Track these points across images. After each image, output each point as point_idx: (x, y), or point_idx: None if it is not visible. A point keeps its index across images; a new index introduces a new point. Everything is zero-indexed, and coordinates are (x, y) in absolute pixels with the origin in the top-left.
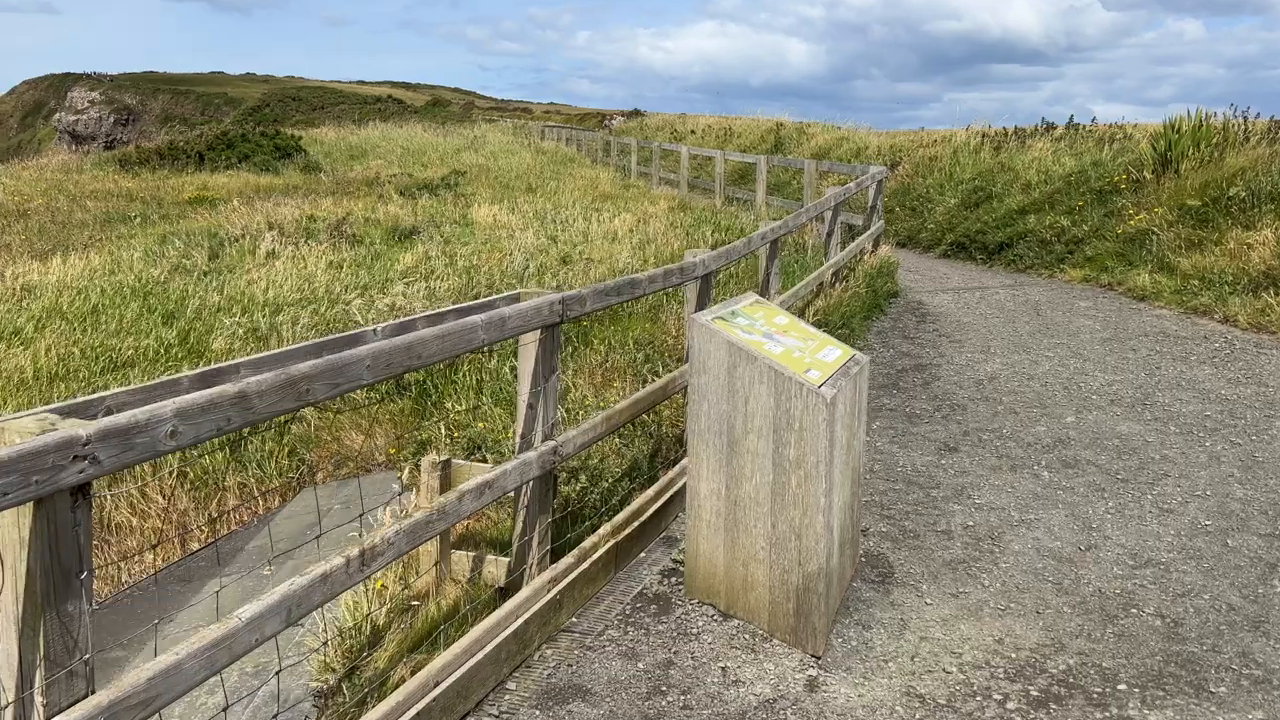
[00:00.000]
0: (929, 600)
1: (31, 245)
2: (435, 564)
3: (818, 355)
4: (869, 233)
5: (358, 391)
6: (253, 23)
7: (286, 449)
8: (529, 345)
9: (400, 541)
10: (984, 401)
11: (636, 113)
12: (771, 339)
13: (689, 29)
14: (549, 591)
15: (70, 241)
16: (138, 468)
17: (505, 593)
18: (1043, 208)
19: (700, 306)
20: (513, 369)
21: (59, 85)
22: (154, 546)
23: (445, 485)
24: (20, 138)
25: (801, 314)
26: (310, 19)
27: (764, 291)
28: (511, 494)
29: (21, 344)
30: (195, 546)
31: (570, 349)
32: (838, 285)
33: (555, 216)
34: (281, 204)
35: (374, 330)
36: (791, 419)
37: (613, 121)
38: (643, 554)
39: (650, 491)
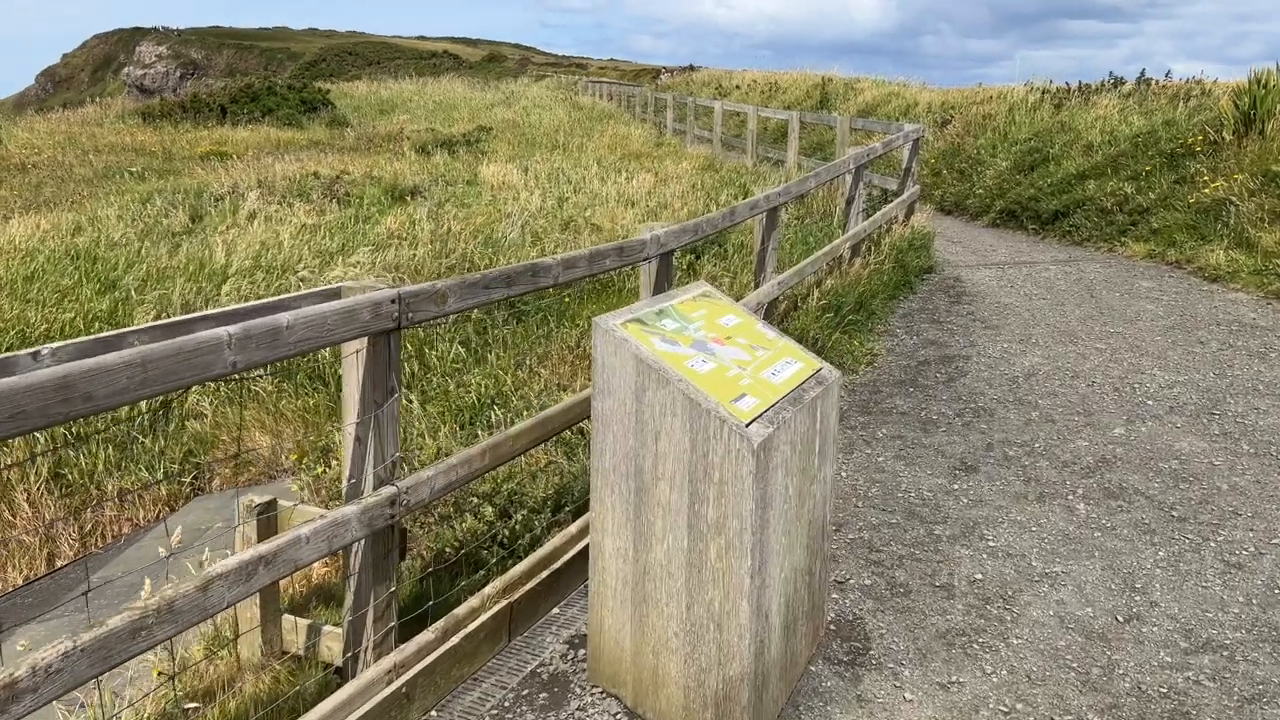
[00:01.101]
0: (909, 694)
1: (14, 201)
2: (234, 639)
3: (764, 373)
4: (899, 199)
5: (264, 379)
6: None
7: (182, 451)
8: (353, 359)
9: (125, 643)
10: (1016, 405)
11: (691, 68)
12: (704, 350)
13: None
14: (390, 683)
15: (57, 198)
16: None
17: (345, 673)
18: (1104, 172)
19: (659, 292)
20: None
21: (128, 40)
22: None
23: (270, 533)
24: (91, 91)
25: (804, 297)
26: None
27: (759, 271)
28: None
29: None
30: (57, 565)
31: (545, 329)
32: (858, 260)
33: (571, 177)
34: (286, 160)
35: (36, 354)
36: (710, 467)
37: (661, 78)
38: (555, 610)
39: (573, 528)
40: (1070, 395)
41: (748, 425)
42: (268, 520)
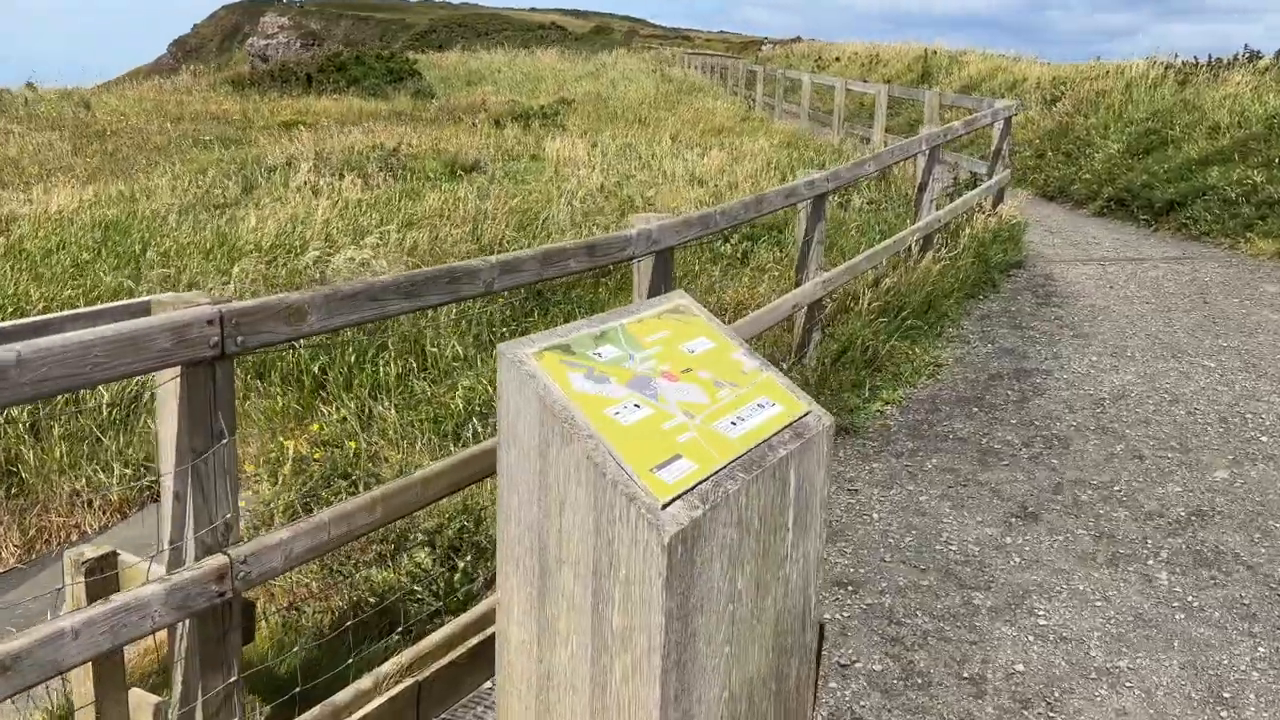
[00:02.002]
0: None
1: (81, 169)
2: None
3: (719, 423)
4: (986, 185)
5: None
6: None
7: (143, 452)
8: (170, 391)
9: None
10: (1098, 434)
11: (797, 40)
12: (643, 391)
13: None
14: None
15: (124, 166)
16: None
17: None
18: (1231, 158)
19: (655, 295)
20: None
21: (253, 10)
22: None
23: (105, 593)
24: (218, 61)
25: (854, 297)
26: None
27: (801, 267)
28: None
29: None
30: None
31: (546, 319)
32: (929, 254)
33: (642, 153)
34: (358, 132)
35: None
36: (615, 559)
37: (763, 49)
38: (488, 684)
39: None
40: (1165, 425)
41: (665, 506)
42: (103, 580)
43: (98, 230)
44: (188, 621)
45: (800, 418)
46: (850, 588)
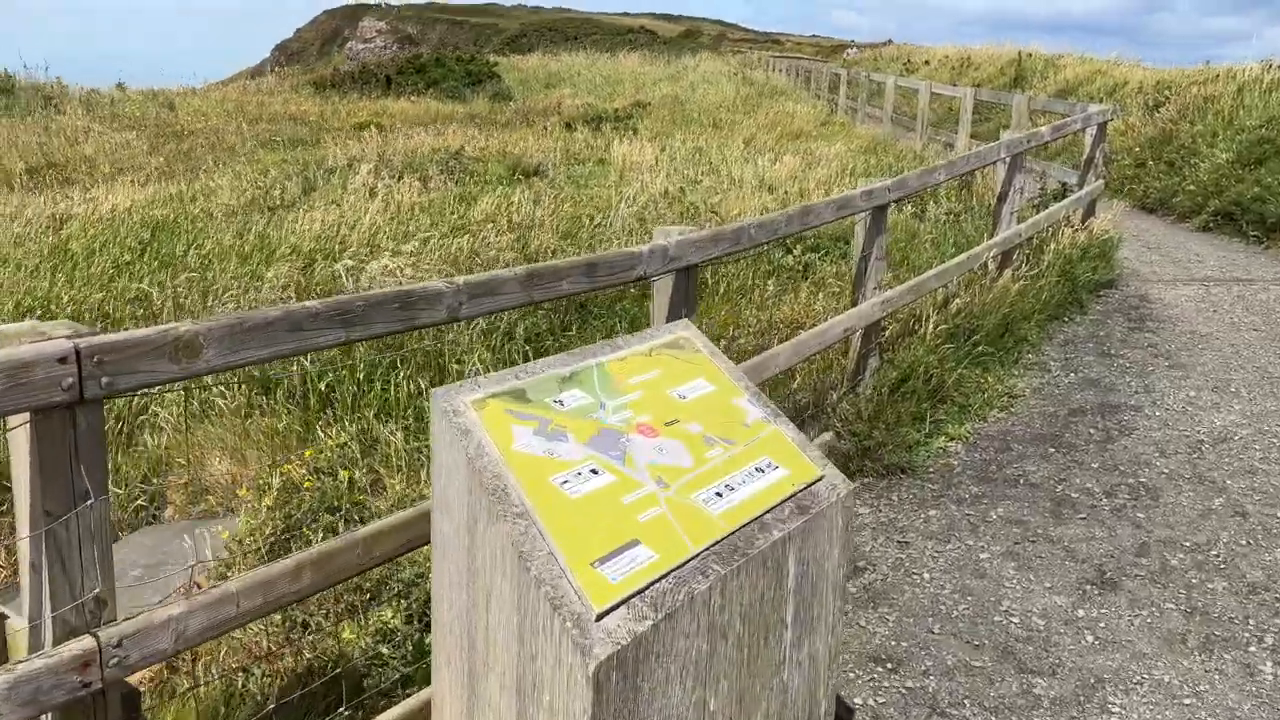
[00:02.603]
0: None
1: (152, 168)
2: None
3: (701, 493)
4: (1075, 196)
5: (227, 391)
6: None
7: (142, 471)
8: (20, 445)
9: None
10: (1193, 484)
11: (888, 43)
12: (609, 450)
13: None
14: None
15: (193, 166)
16: None
17: None
18: None
19: (674, 319)
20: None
21: (353, 15)
22: None
23: None
24: (318, 64)
25: (919, 319)
26: None
27: (858, 285)
28: None
29: None
30: None
31: (584, 334)
32: (1007, 271)
33: (712, 157)
34: (428, 134)
35: None
36: (539, 680)
37: (848, 53)
38: None
39: None
40: (1275, 476)
41: (600, 616)
42: None
43: (146, 230)
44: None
45: (808, 485)
46: (889, 665)
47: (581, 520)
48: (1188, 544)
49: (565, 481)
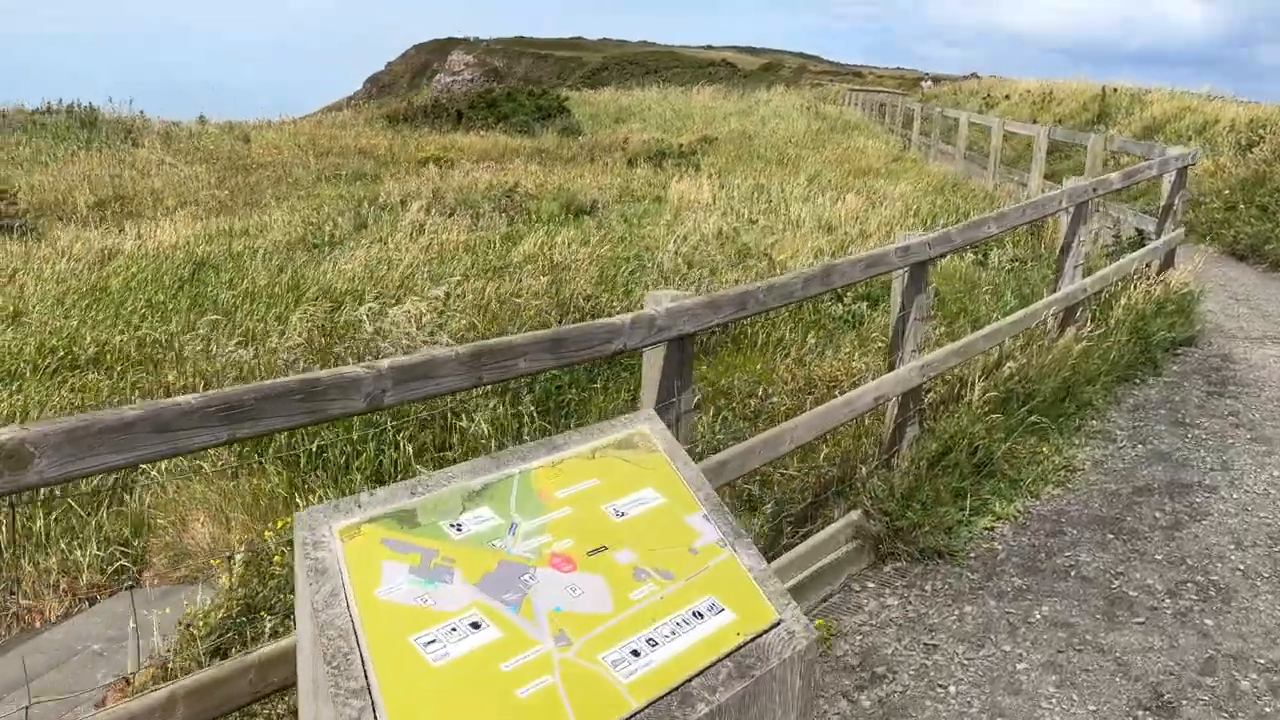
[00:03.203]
0: None
1: (213, 203)
2: None
3: (607, 654)
4: (1151, 246)
5: (221, 450)
6: None
7: (123, 529)
8: None
9: None
10: (1274, 585)
11: (972, 76)
12: (505, 590)
13: None
14: None
15: (255, 200)
16: None
17: None
18: None
19: (665, 398)
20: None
21: (441, 49)
22: None
23: None
24: (407, 95)
25: (966, 383)
26: None
27: (895, 347)
28: None
29: None
30: None
31: (607, 394)
32: (1070, 329)
33: (773, 195)
34: (491, 169)
35: None
36: None
37: (922, 86)
38: None
39: None
40: None
41: None
42: None
43: (188, 268)
44: None
45: (758, 635)
46: None
47: (438, 700)
48: (1263, 661)
49: (432, 641)
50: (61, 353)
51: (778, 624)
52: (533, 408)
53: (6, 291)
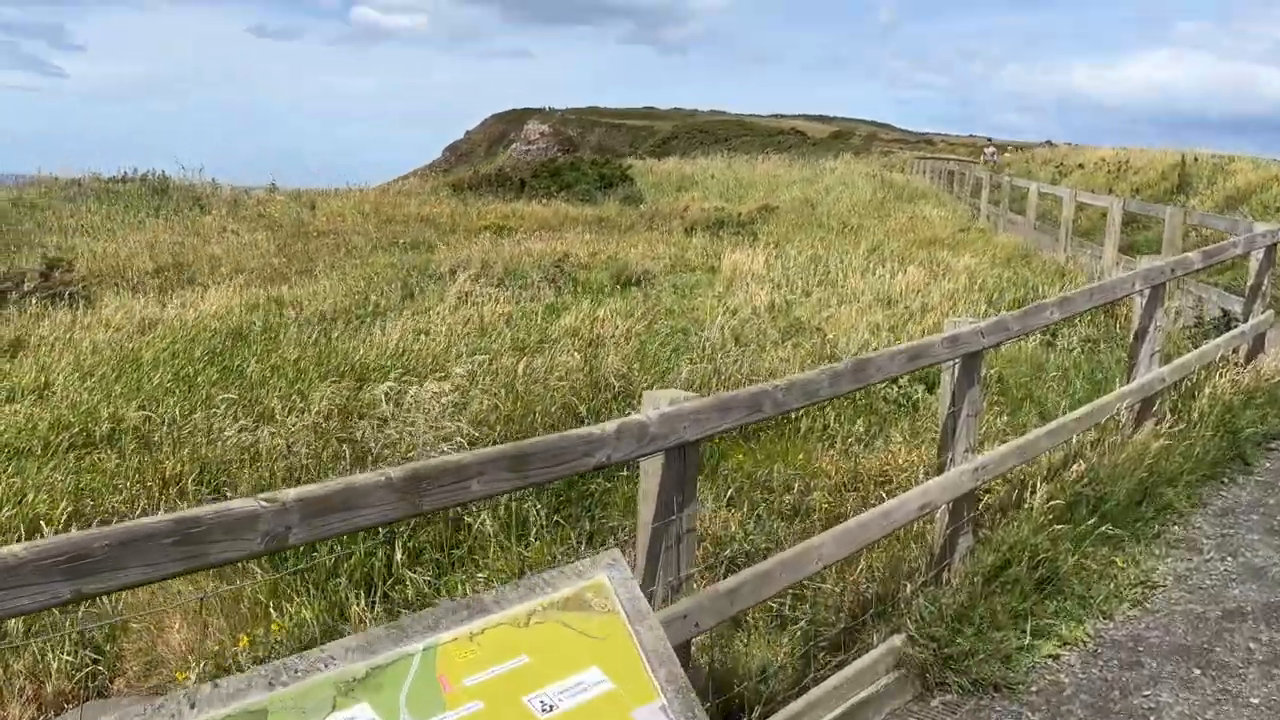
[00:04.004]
0: None
1: (267, 271)
2: None
3: None
4: (1238, 330)
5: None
6: (688, 61)
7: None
8: None
9: None
10: None
11: (1048, 144)
12: None
13: (1137, 58)
14: None
15: (310, 268)
16: None
17: None
18: None
19: (664, 515)
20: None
21: (518, 118)
22: None
23: None
24: (484, 163)
25: (1028, 484)
26: (740, 57)
27: (945, 446)
28: None
29: (9, 399)
30: None
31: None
32: (1147, 424)
33: (831, 266)
34: (547, 239)
35: None
36: None
37: (987, 153)
38: None
39: None
40: None
41: None
42: None
43: (224, 338)
44: None
45: None
46: None
47: None
48: None
49: None
50: (76, 428)
51: None
52: (539, 505)
53: (44, 362)
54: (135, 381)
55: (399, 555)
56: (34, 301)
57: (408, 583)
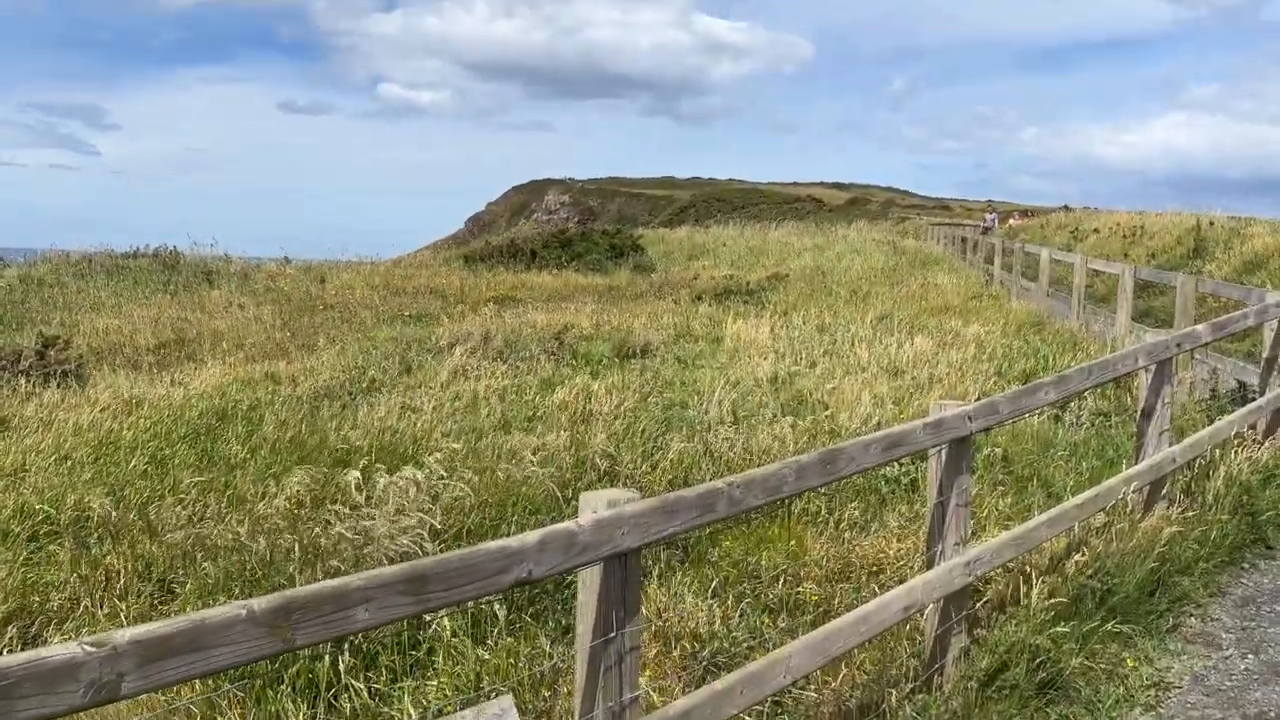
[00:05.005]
0: None
1: (270, 345)
2: None
3: None
4: (1254, 405)
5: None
6: (708, 132)
7: None
8: None
9: None
10: None
11: (1065, 208)
12: None
13: (1152, 121)
14: None
15: (311, 343)
16: None
17: None
18: None
19: (604, 632)
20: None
21: (538, 189)
22: None
23: None
24: (505, 234)
25: (1026, 578)
26: (759, 127)
27: (934, 538)
28: None
29: None
30: None
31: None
32: (1157, 507)
33: (838, 335)
34: (553, 309)
35: None
36: None
37: (988, 219)
38: None
39: None
40: None
41: None
42: None
43: (209, 418)
44: None
45: None
46: None
47: None
48: None
49: None
50: (40, 517)
51: None
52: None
53: (25, 444)
54: (110, 465)
55: (344, 661)
56: (27, 380)
57: (353, 693)
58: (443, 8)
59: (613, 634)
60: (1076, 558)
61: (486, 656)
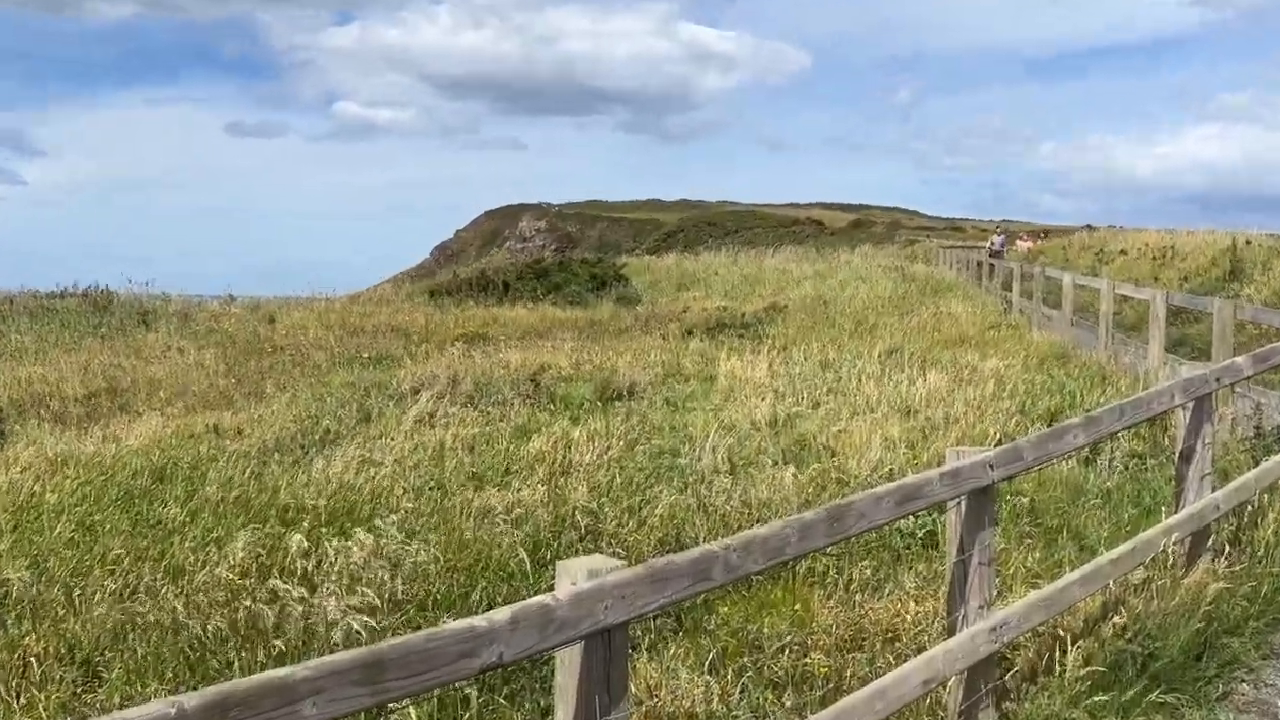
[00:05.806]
0: None
1: (213, 393)
2: None
3: None
4: None
5: None
6: (691, 150)
7: None
8: None
9: None
10: None
11: (1088, 228)
12: None
13: (1179, 134)
14: None
15: (259, 390)
16: None
17: None
18: None
19: (586, 718)
20: None
21: (512, 215)
22: None
23: None
24: (475, 264)
25: (1060, 642)
26: (748, 144)
27: (955, 600)
28: None
29: None
30: None
31: None
32: (1201, 560)
33: (843, 372)
34: (529, 347)
35: None
36: None
37: (994, 240)
38: None
39: None
40: None
41: None
42: None
43: (144, 478)
44: None
45: None
46: None
47: None
48: None
49: None
50: None
51: None
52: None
53: None
54: (31, 533)
55: None
56: None
57: None
58: (404, 19)
59: None
60: (1114, 619)
61: None
